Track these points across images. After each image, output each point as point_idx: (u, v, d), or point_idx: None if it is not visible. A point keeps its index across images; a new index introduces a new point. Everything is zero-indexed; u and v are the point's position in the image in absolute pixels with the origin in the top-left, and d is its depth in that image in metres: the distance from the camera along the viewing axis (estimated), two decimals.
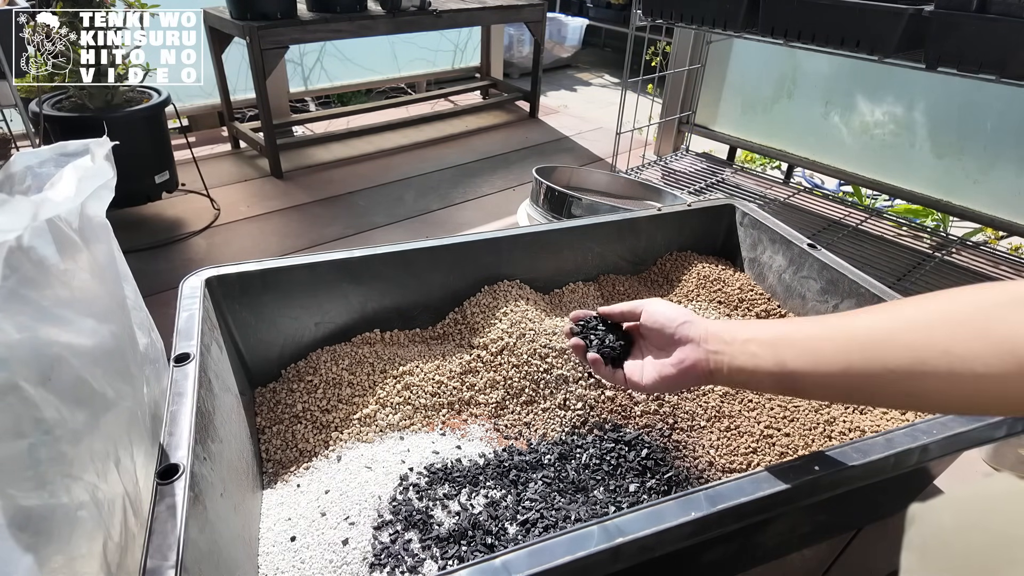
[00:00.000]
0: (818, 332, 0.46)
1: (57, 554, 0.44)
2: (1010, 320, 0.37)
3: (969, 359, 0.38)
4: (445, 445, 0.72)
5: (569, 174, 1.42)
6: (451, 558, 0.58)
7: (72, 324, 0.49)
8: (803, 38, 1.23)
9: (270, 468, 0.70)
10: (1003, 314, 0.37)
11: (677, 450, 0.74)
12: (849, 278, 0.84)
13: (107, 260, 0.58)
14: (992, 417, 0.59)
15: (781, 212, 1.67)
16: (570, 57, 3.90)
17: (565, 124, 2.50)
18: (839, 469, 0.53)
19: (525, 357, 0.81)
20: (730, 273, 1.00)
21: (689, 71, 1.93)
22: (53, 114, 1.36)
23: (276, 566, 0.57)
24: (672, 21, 1.48)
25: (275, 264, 0.79)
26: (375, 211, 1.72)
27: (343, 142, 2.19)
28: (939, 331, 0.40)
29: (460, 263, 0.90)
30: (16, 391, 0.43)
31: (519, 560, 0.44)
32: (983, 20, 1.00)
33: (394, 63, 2.67)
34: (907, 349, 0.41)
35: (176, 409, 0.54)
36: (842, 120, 1.68)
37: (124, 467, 0.53)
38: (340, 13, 1.84)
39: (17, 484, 0.42)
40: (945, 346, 0.39)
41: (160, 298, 1.22)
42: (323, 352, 0.83)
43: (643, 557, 0.48)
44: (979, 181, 1.47)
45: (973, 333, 0.38)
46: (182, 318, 0.66)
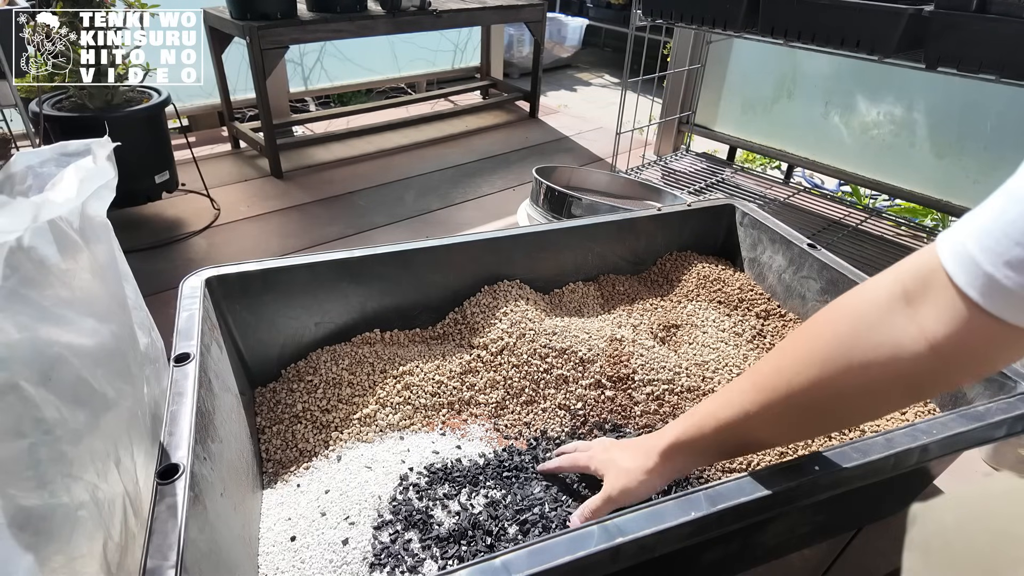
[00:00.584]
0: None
1: (57, 554, 0.44)
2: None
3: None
4: (445, 445, 0.72)
5: (569, 174, 1.42)
6: (451, 558, 0.58)
7: (73, 324, 0.49)
8: (803, 38, 1.23)
9: (270, 468, 0.70)
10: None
11: None
12: (849, 278, 0.84)
13: (108, 260, 0.58)
14: (992, 417, 0.59)
15: (781, 212, 1.67)
16: (570, 57, 3.90)
17: (565, 124, 2.50)
18: (839, 469, 0.53)
19: (525, 357, 0.81)
20: (730, 273, 1.00)
21: (689, 71, 1.93)
22: (53, 114, 1.36)
23: (276, 566, 0.57)
24: (672, 21, 1.48)
25: (275, 264, 0.79)
26: (375, 211, 1.72)
27: (343, 142, 2.19)
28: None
29: (460, 263, 0.90)
30: (16, 391, 0.43)
31: (519, 560, 0.44)
32: (983, 20, 1.00)
33: (394, 63, 2.67)
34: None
35: (176, 409, 0.54)
36: (842, 120, 1.68)
37: (124, 467, 0.53)
38: (340, 13, 1.84)
39: (17, 484, 0.42)
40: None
41: (160, 298, 1.22)
42: (323, 352, 0.83)
43: (643, 557, 0.48)
44: (979, 181, 1.47)
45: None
46: (182, 318, 0.66)
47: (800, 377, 0.44)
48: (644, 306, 0.97)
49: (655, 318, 0.93)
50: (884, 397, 0.42)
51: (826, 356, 0.42)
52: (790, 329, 0.91)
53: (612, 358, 0.81)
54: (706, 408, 0.53)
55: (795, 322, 0.93)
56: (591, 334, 0.84)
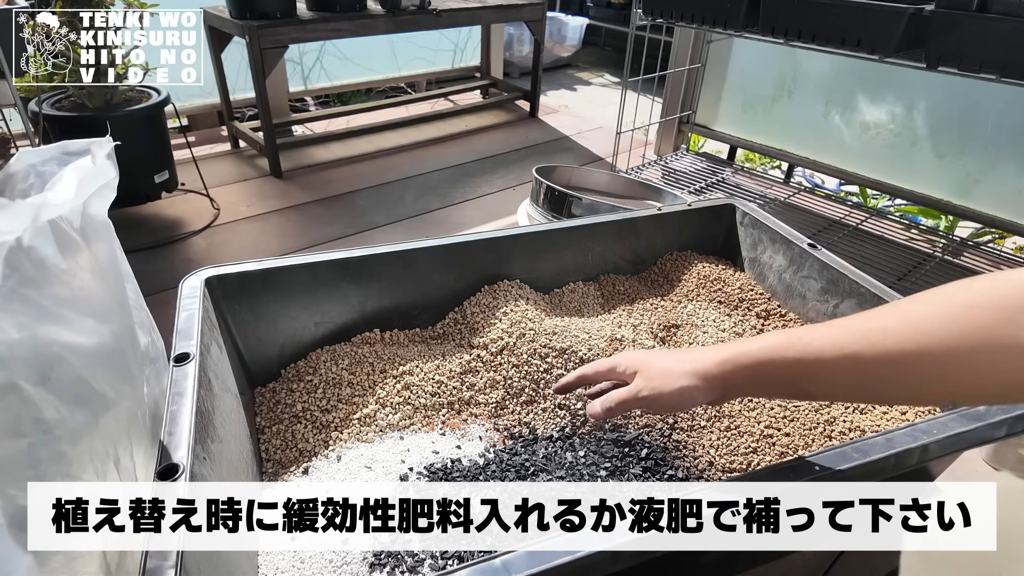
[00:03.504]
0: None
1: (57, 554, 0.44)
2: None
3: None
4: (445, 445, 0.72)
5: (569, 174, 1.42)
6: (451, 558, 0.58)
7: (72, 323, 0.49)
8: (803, 37, 1.23)
9: (270, 468, 0.70)
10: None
11: (677, 450, 0.74)
12: (849, 278, 0.84)
13: (108, 259, 0.58)
14: (992, 417, 0.59)
15: (781, 212, 1.67)
16: (570, 56, 3.89)
17: (565, 124, 2.50)
18: (839, 469, 0.53)
19: (525, 357, 0.81)
20: (730, 273, 1.00)
21: (689, 71, 1.93)
22: (53, 114, 1.36)
23: (276, 566, 0.57)
24: (672, 20, 1.48)
25: (275, 264, 0.79)
26: (375, 211, 1.72)
27: (343, 142, 2.19)
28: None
29: (460, 263, 0.90)
30: (16, 391, 0.43)
31: (519, 560, 0.44)
32: (983, 20, 1.00)
33: (394, 62, 2.67)
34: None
35: (176, 409, 0.54)
36: (843, 120, 1.68)
37: (124, 467, 0.53)
38: (340, 12, 1.84)
39: (17, 484, 0.42)
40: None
41: (160, 298, 1.22)
42: (323, 352, 0.82)
43: (643, 557, 0.48)
44: (980, 181, 1.47)
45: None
46: (182, 318, 0.66)
47: (946, 342, 0.38)
48: (644, 306, 0.97)
49: (655, 318, 0.93)
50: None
51: (988, 326, 0.37)
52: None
53: None
54: (795, 335, 0.46)
55: (795, 322, 0.93)
56: (591, 334, 0.84)
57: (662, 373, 0.50)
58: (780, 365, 0.46)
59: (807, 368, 0.45)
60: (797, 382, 0.47)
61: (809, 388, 0.47)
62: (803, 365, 0.45)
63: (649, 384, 0.50)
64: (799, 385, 0.47)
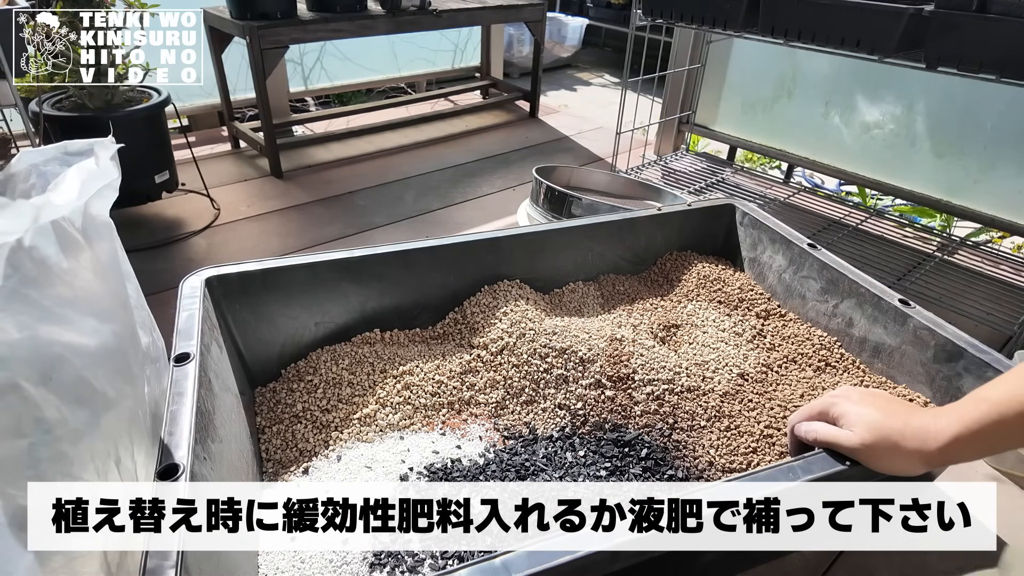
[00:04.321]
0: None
1: (57, 554, 0.44)
2: None
3: None
4: (445, 445, 0.72)
5: (569, 174, 1.42)
6: (451, 558, 0.58)
7: (74, 323, 0.49)
8: (803, 38, 1.23)
9: (270, 468, 0.70)
10: None
11: (677, 450, 0.74)
12: (849, 278, 0.84)
13: (110, 259, 0.58)
14: None
15: (781, 212, 1.68)
16: (570, 57, 3.90)
17: (565, 124, 2.50)
18: (839, 470, 0.53)
19: (525, 357, 0.81)
20: (730, 273, 1.00)
21: (689, 71, 1.94)
22: (53, 114, 1.36)
23: (276, 566, 0.57)
24: (672, 21, 1.48)
25: (275, 264, 0.79)
26: (375, 211, 1.72)
27: (343, 142, 2.19)
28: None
29: (460, 263, 0.90)
30: (17, 390, 0.43)
31: (519, 560, 0.44)
32: (983, 20, 1.00)
33: (394, 63, 2.67)
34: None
35: (176, 409, 0.54)
36: (842, 120, 1.68)
37: (124, 467, 0.53)
38: (340, 13, 1.84)
39: (17, 484, 0.42)
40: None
41: (160, 298, 1.22)
42: (323, 352, 0.83)
43: (642, 557, 0.48)
44: (979, 181, 1.47)
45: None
46: (182, 318, 0.66)
47: None
48: (644, 306, 0.97)
49: (655, 318, 0.93)
50: None
51: None
52: (790, 329, 0.91)
53: (612, 358, 0.81)
54: (1010, 391, 0.47)
55: (795, 322, 0.93)
56: (591, 334, 0.84)
57: (890, 452, 0.51)
58: (1001, 431, 0.47)
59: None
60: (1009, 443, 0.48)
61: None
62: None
63: (870, 453, 0.52)
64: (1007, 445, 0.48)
